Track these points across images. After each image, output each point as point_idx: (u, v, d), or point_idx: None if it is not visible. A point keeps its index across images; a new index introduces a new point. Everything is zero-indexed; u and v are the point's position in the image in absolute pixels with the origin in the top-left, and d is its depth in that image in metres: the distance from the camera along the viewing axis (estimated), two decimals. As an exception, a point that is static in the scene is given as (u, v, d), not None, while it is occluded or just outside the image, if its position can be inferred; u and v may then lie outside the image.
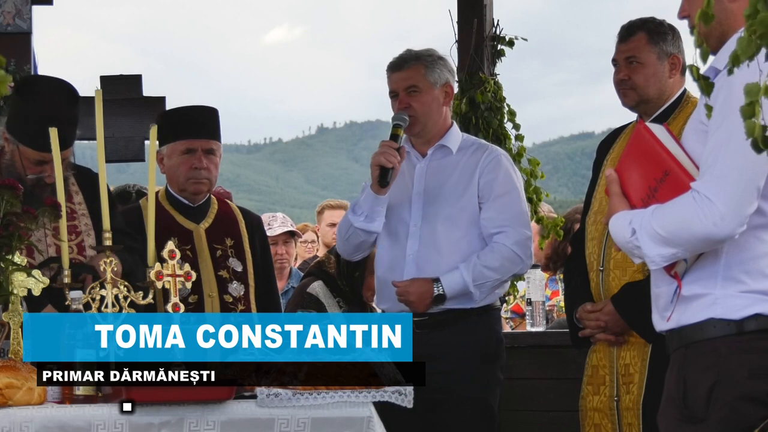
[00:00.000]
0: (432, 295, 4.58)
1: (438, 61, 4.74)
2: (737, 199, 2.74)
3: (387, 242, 4.74)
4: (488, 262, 4.57)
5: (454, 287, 4.57)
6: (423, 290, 4.58)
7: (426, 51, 4.79)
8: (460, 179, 4.68)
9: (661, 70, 4.15)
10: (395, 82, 4.73)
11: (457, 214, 4.64)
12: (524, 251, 4.63)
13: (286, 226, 6.97)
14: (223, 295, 4.63)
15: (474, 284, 4.56)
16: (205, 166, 4.68)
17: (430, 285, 4.58)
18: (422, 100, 4.68)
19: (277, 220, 7.03)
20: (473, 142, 4.83)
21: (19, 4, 6.55)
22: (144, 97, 6.93)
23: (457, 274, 4.57)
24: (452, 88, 4.77)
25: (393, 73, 4.74)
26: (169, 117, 4.86)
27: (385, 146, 4.57)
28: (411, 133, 4.71)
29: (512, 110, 6.94)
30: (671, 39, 4.16)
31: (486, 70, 6.88)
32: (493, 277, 4.60)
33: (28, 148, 4.16)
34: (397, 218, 4.70)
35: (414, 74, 4.69)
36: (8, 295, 3.51)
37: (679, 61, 4.18)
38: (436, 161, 4.74)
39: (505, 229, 4.61)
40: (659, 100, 4.16)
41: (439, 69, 4.72)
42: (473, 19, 6.82)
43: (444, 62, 4.77)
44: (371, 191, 4.61)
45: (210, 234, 4.73)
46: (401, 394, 3.48)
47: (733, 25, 2.87)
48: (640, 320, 3.88)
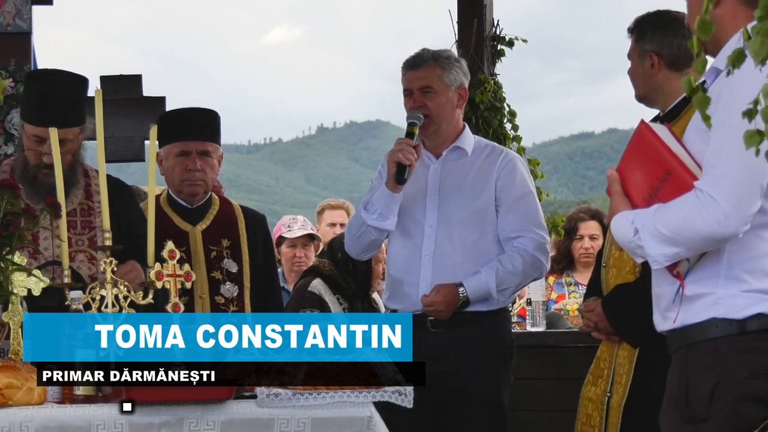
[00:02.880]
0: (459, 302, 4.58)
1: (454, 63, 4.73)
2: (741, 198, 2.74)
3: (401, 241, 4.73)
4: (511, 267, 4.59)
5: (478, 291, 4.58)
6: (450, 298, 4.58)
7: (443, 52, 4.80)
8: (476, 181, 4.68)
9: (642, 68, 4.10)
10: (410, 81, 4.71)
11: (474, 216, 4.64)
12: (545, 256, 4.67)
13: (306, 229, 6.96)
14: (215, 296, 4.64)
15: (497, 289, 4.57)
16: (200, 168, 4.69)
17: (456, 291, 4.58)
18: (437, 101, 4.67)
19: (298, 222, 7.02)
20: (486, 144, 4.84)
21: (19, 4, 6.55)
22: (144, 97, 6.93)
23: (481, 279, 4.58)
24: (466, 90, 4.76)
25: (409, 71, 4.72)
26: (167, 118, 4.88)
27: (403, 143, 4.56)
28: (425, 134, 4.70)
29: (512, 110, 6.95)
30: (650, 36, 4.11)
31: (486, 70, 6.89)
32: (516, 282, 4.62)
33: (28, 124, 4.25)
34: (411, 218, 4.70)
35: (430, 74, 4.68)
36: (8, 295, 3.51)
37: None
38: (451, 162, 4.74)
39: (524, 233, 4.63)
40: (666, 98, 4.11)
41: (455, 71, 4.71)
42: (473, 19, 6.83)
43: (459, 64, 4.76)
44: (386, 189, 4.60)
45: (206, 235, 4.74)
46: (401, 394, 3.47)
47: (723, 29, 2.88)
48: (625, 325, 3.90)
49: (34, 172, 4.31)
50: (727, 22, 2.87)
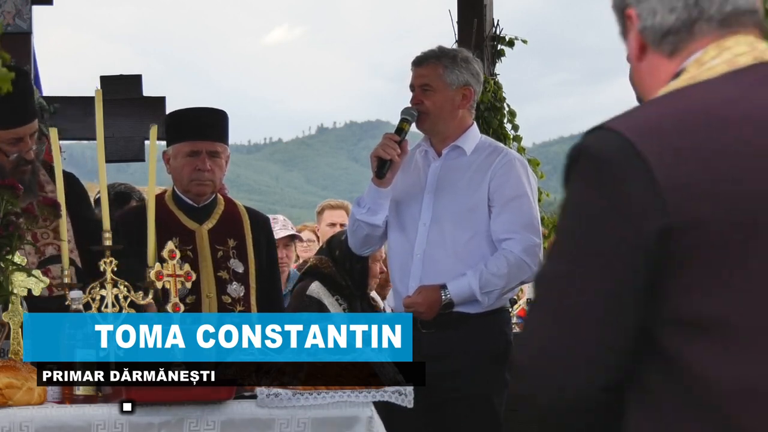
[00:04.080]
0: (441, 303, 4.57)
1: (460, 63, 4.71)
2: None
3: (399, 237, 4.75)
4: (495, 269, 4.55)
5: (461, 294, 4.56)
6: (431, 300, 4.58)
7: (451, 51, 4.82)
8: (471, 180, 4.67)
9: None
10: (414, 77, 4.74)
11: (466, 215, 4.63)
12: (532, 259, 4.59)
13: (287, 230, 6.96)
14: (222, 296, 4.64)
15: (481, 292, 4.55)
16: (209, 168, 4.69)
17: (438, 293, 4.57)
18: (434, 99, 4.67)
19: (278, 223, 7.01)
20: (490, 144, 4.82)
21: (19, 4, 6.55)
22: (144, 97, 6.94)
23: (464, 281, 4.56)
24: (472, 91, 4.73)
25: (414, 67, 4.76)
26: (176, 118, 4.87)
27: (386, 138, 4.60)
28: (421, 129, 4.74)
29: (512, 110, 6.95)
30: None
31: (486, 70, 6.88)
32: (501, 285, 4.58)
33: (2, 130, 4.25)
34: (409, 214, 4.71)
35: (430, 72, 4.69)
36: (8, 295, 3.51)
37: None
38: (450, 161, 4.74)
39: (513, 235, 4.59)
40: None
41: (459, 70, 4.69)
42: (473, 19, 6.83)
43: (467, 65, 4.73)
44: (373, 184, 4.64)
45: (213, 234, 4.73)
46: (401, 394, 3.47)
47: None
48: None
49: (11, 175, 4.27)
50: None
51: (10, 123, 4.23)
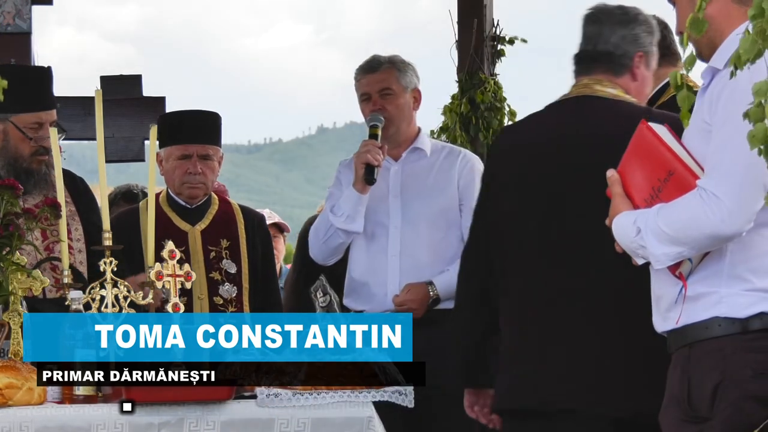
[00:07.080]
0: (430, 299, 4.66)
1: (408, 66, 4.87)
2: (745, 196, 2.74)
3: (364, 244, 4.79)
4: None
5: (447, 289, 4.60)
6: (422, 296, 4.67)
7: (395, 56, 4.92)
8: (437, 181, 4.79)
9: None
10: (368, 84, 4.83)
11: (439, 215, 4.74)
12: None
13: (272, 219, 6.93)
14: (213, 297, 4.66)
15: None
16: (200, 171, 4.72)
17: (426, 289, 4.68)
18: (396, 103, 4.79)
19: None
20: (443, 146, 4.99)
21: (19, 4, 6.55)
22: (144, 97, 6.94)
23: (448, 276, 4.61)
24: (420, 93, 4.88)
25: (366, 75, 4.85)
26: (168, 120, 4.91)
27: (370, 144, 4.67)
28: (384, 136, 4.79)
29: (512, 110, 6.95)
30: None
31: (486, 70, 6.89)
32: None
33: (25, 113, 4.24)
34: (374, 220, 4.77)
35: (388, 77, 4.81)
36: (8, 295, 3.51)
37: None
38: (411, 164, 4.84)
39: None
40: None
41: (409, 74, 4.84)
42: (473, 19, 6.83)
43: (412, 68, 4.89)
44: (354, 190, 4.68)
45: (206, 235, 4.75)
46: (401, 394, 3.48)
47: (718, 28, 2.88)
48: None
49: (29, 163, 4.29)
50: (722, 21, 2.86)
51: (35, 106, 4.27)
